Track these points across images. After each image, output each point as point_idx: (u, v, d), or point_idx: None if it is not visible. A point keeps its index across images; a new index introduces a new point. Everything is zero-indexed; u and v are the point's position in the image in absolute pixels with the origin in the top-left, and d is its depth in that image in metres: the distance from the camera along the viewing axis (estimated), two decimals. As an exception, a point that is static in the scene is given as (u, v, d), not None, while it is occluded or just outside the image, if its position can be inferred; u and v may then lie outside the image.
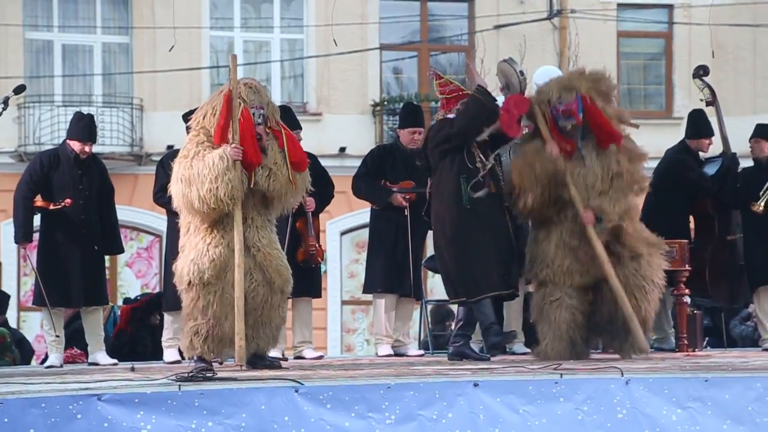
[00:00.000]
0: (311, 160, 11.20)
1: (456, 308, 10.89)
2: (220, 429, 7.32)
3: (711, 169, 11.87)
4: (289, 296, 9.33)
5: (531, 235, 10.28)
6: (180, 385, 7.51)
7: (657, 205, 11.41)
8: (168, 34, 18.70)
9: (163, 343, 11.06)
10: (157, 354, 11.72)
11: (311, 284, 11.36)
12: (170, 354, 10.90)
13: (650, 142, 10.87)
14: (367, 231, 12.06)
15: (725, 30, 22.27)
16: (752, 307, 13.16)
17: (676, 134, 12.49)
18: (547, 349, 10.02)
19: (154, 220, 20.12)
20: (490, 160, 10.01)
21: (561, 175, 9.92)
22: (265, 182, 9.02)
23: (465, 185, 9.86)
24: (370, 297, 11.94)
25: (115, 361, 10.97)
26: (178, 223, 9.26)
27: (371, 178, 11.44)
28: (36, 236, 10.98)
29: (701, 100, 12.26)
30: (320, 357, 11.38)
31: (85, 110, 13.63)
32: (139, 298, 14.90)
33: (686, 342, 11.33)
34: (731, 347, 13.39)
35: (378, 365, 9.75)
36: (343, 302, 22.18)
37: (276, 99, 21.28)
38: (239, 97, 8.98)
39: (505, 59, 10.20)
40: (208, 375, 7.94)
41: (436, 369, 8.91)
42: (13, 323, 17.99)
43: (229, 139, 8.90)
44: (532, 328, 11.68)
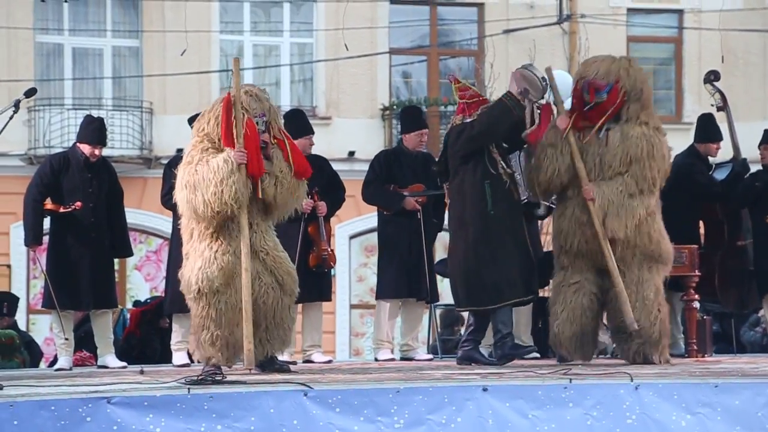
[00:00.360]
0: (323, 163, 11.27)
1: (466, 313, 10.85)
2: (229, 432, 7.35)
3: (721, 174, 11.85)
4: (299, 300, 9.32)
5: (555, 211, 10.29)
6: (189, 389, 7.52)
7: (666, 210, 11.34)
8: (178, 37, 18.73)
9: (172, 347, 11.06)
10: (166, 357, 11.72)
11: (321, 288, 11.36)
12: (179, 357, 10.90)
13: (660, 147, 10.84)
14: (375, 235, 12.05)
15: (735, 35, 22.23)
16: (761, 312, 13.13)
17: (685, 139, 12.45)
18: (556, 330, 9.98)
19: (163, 223, 20.09)
20: (512, 168, 10.02)
21: (560, 144, 9.91)
22: (272, 190, 9.04)
23: (490, 191, 9.83)
24: (378, 301, 11.92)
25: (124, 364, 10.98)
26: (182, 227, 9.28)
27: (380, 183, 11.43)
28: (46, 239, 11.01)
29: (712, 105, 12.23)
30: (329, 361, 11.37)
31: (95, 113, 13.67)
32: (148, 301, 14.90)
33: (696, 347, 11.31)
34: (741, 353, 13.37)
35: (387, 369, 9.74)
36: (352, 306, 22.16)
37: (285, 103, 21.43)
38: (242, 108, 9.00)
39: (525, 66, 10.17)
40: (217, 378, 7.94)
41: (445, 373, 8.91)
42: (23, 326, 17.99)
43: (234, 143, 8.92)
44: (541, 334, 11.71)
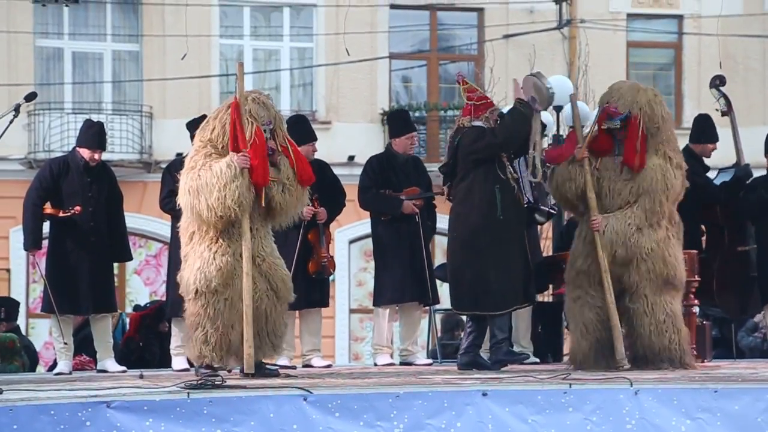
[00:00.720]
0: (324, 168, 11.29)
1: (464, 316, 10.85)
2: (229, 437, 7.34)
3: (724, 179, 11.82)
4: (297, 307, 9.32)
5: (576, 230, 10.33)
6: (189, 393, 7.52)
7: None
8: (178, 41, 18.72)
9: (172, 351, 11.05)
10: (165, 362, 11.71)
11: (320, 294, 11.36)
12: (179, 362, 10.90)
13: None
14: (375, 239, 12.04)
15: (735, 41, 22.24)
16: (759, 317, 13.11)
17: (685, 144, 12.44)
18: (573, 348, 10.01)
19: (163, 227, 20.06)
20: (518, 172, 10.01)
21: (575, 175, 9.96)
22: (279, 197, 9.06)
23: (500, 196, 9.83)
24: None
25: (124, 368, 10.98)
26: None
27: (376, 189, 11.43)
28: (45, 243, 11.01)
29: (717, 110, 12.18)
30: (329, 366, 11.37)
31: (94, 118, 13.66)
32: (148, 305, 14.90)
33: (695, 353, 11.29)
34: (739, 358, 13.35)
35: (386, 374, 9.74)
36: (351, 311, 22.16)
37: (285, 107, 21.43)
38: (250, 115, 9.01)
39: (533, 73, 10.16)
40: (216, 383, 7.94)
41: (445, 378, 8.90)
42: (22, 330, 17.97)
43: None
44: (540, 338, 11.71)
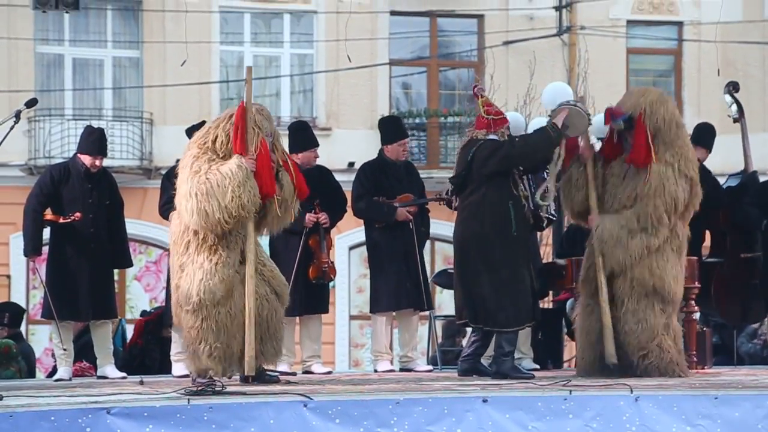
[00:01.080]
0: (326, 174, 11.33)
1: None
2: (229, 443, 7.35)
3: (731, 185, 11.81)
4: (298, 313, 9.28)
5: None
6: (189, 399, 7.52)
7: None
8: (178, 48, 18.74)
9: (172, 357, 11.04)
10: (166, 367, 11.70)
11: (320, 300, 11.36)
12: (179, 368, 10.89)
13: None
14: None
15: (735, 47, 22.26)
16: (759, 325, 13.08)
17: (685, 151, 12.44)
18: (579, 358, 10.02)
19: (163, 233, 20.09)
20: (527, 189, 9.97)
21: (577, 172, 9.99)
22: (276, 213, 9.07)
23: (513, 212, 9.72)
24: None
25: (124, 374, 10.97)
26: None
27: (370, 196, 11.42)
28: (45, 249, 11.01)
29: (729, 116, 12.18)
30: (329, 372, 11.37)
31: (95, 124, 13.70)
32: (153, 311, 14.85)
33: (696, 359, 11.29)
34: (739, 365, 13.34)
35: (387, 380, 9.74)
36: (351, 317, 22.15)
37: (285, 114, 21.46)
38: (255, 124, 9.04)
39: (574, 102, 10.06)
40: (217, 389, 7.94)
41: (445, 384, 8.90)
42: (24, 336, 17.96)
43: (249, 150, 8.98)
44: (540, 345, 11.70)
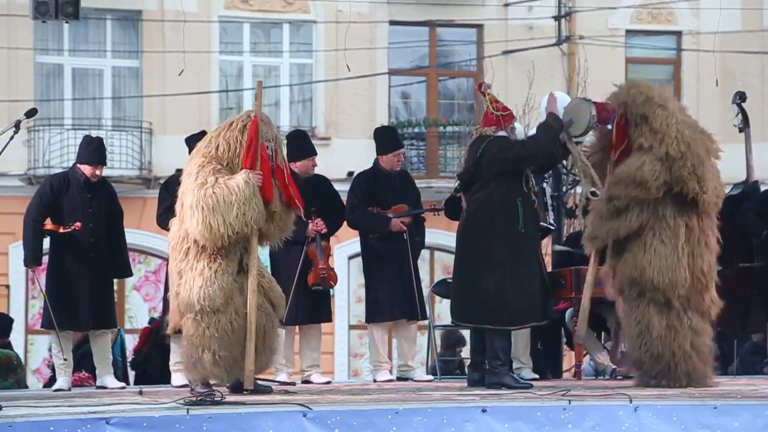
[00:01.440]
0: (324, 183, 11.33)
1: (467, 333, 10.80)
2: (228, 453, 7.34)
3: (733, 194, 11.81)
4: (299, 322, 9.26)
5: None
6: (188, 409, 7.51)
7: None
8: (177, 58, 18.76)
9: (171, 367, 11.02)
10: (167, 375, 11.68)
11: (322, 309, 11.36)
12: (178, 378, 10.88)
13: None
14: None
15: (734, 57, 22.28)
16: (758, 336, 13.03)
17: (684, 159, 12.45)
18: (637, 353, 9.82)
19: (162, 243, 20.05)
20: (537, 186, 9.97)
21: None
22: (265, 226, 9.08)
23: (522, 209, 9.69)
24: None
25: (123, 384, 10.97)
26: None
27: (364, 207, 11.43)
28: (45, 259, 11.01)
29: (735, 125, 12.20)
30: (328, 382, 11.36)
31: (94, 134, 13.71)
32: (158, 318, 14.80)
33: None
34: (739, 374, 13.31)
35: (386, 390, 9.74)
36: (351, 327, 22.14)
37: (284, 123, 21.46)
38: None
39: (587, 98, 10.10)
40: (216, 399, 7.94)
41: (445, 394, 8.90)
42: (21, 346, 17.98)
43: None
44: (540, 355, 11.69)
